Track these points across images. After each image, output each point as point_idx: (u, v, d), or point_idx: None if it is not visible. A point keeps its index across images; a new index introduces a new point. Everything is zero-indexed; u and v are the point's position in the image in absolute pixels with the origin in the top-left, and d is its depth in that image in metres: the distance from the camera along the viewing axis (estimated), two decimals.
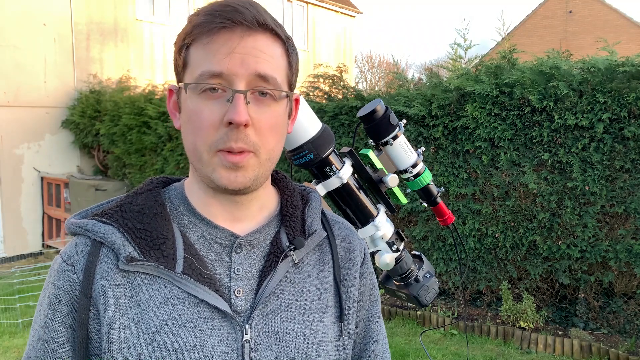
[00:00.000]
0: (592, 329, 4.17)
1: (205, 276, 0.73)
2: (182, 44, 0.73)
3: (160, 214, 0.75)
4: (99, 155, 8.16)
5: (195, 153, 0.73)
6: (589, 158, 3.94)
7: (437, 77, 4.87)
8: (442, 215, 1.38)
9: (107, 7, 8.52)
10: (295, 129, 1.08)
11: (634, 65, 3.76)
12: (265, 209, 0.82)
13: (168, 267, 0.72)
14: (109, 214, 0.75)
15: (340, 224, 0.89)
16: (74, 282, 0.72)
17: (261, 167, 0.74)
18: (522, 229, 4.25)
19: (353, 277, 0.85)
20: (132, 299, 0.71)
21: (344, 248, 0.86)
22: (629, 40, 14.58)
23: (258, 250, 0.78)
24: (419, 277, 1.31)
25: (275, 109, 0.74)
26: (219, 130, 0.70)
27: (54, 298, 0.72)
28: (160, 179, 0.83)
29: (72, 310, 0.72)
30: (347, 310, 0.83)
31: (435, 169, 4.61)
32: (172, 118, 0.79)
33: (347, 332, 0.83)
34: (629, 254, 3.87)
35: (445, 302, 4.92)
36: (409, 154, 1.27)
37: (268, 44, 0.72)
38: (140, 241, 0.72)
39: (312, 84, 5.70)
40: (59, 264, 0.74)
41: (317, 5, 12.76)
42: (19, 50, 7.41)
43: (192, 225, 0.76)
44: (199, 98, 0.70)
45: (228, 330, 0.72)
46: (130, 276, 0.72)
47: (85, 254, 0.73)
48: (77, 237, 0.76)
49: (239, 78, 0.69)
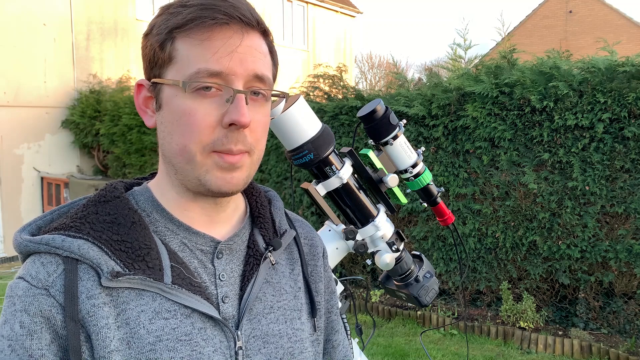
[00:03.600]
0: (592, 329, 4.17)
1: (195, 285, 0.70)
2: (167, 37, 0.67)
3: (138, 223, 0.70)
4: (99, 155, 8.16)
5: (183, 154, 0.68)
6: (589, 158, 3.94)
7: (437, 77, 4.87)
8: (442, 215, 1.38)
9: (107, 7, 8.52)
10: (296, 129, 1.08)
11: (634, 65, 3.75)
12: (237, 210, 0.80)
13: (156, 279, 0.67)
14: (75, 226, 0.67)
15: (300, 222, 0.90)
16: (54, 306, 0.63)
17: (252, 168, 0.72)
18: (522, 229, 4.25)
19: (319, 273, 0.87)
20: (119, 317, 0.65)
21: (307, 245, 0.87)
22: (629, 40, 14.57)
23: (237, 254, 0.76)
24: (419, 277, 1.31)
25: (266, 109, 0.73)
26: (216, 131, 0.67)
27: (33, 326, 0.62)
28: (120, 183, 0.77)
29: (55, 337, 0.63)
30: (317, 305, 0.84)
31: (435, 169, 4.61)
32: (141, 115, 0.74)
33: (319, 327, 0.85)
34: (629, 254, 3.87)
35: (445, 302, 4.92)
36: (409, 154, 1.27)
37: (260, 42, 0.70)
38: (121, 254, 0.67)
39: (312, 84, 5.70)
40: (25, 289, 0.64)
41: (317, 5, 12.76)
42: (19, 50, 7.41)
43: (170, 232, 0.72)
44: (192, 97, 0.66)
45: (220, 339, 0.71)
46: (114, 293, 0.66)
47: (59, 273, 0.65)
48: (39, 257, 0.66)
49: (238, 78, 0.67)
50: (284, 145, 1.13)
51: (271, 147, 5.64)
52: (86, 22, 8.21)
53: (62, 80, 8.01)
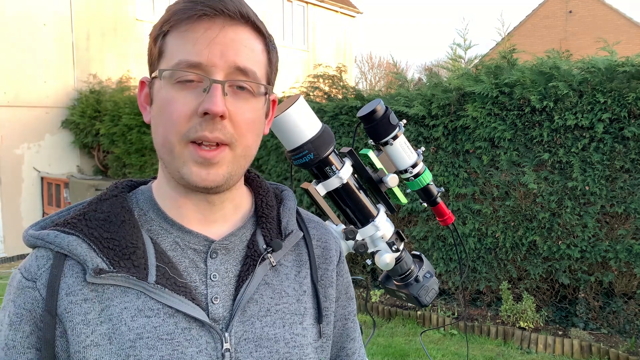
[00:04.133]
0: (592, 329, 4.17)
1: (180, 285, 0.70)
2: (159, 33, 0.69)
3: (128, 221, 0.71)
4: (99, 155, 8.16)
5: (165, 145, 0.68)
6: (589, 158, 3.94)
7: (437, 77, 4.88)
8: (442, 215, 1.38)
9: (107, 7, 8.52)
10: (295, 129, 1.08)
11: (634, 65, 3.76)
12: (240, 210, 0.79)
13: (140, 278, 0.68)
14: (71, 223, 0.70)
15: (315, 223, 0.87)
16: (36, 299, 0.67)
17: (235, 164, 0.70)
18: (522, 229, 4.25)
19: (330, 277, 0.83)
20: (103, 313, 0.67)
21: (320, 248, 0.84)
22: (629, 40, 14.58)
23: (234, 254, 0.75)
24: (419, 277, 1.31)
25: (253, 104, 0.71)
26: (192, 120, 0.66)
27: (15, 317, 0.67)
28: (126, 182, 0.79)
29: (35, 329, 0.67)
30: (325, 311, 0.81)
31: (435, 169, 4.61)
32: (142, 112, 0.75)
33: (326, 333, 0.81)
34: (629, 254, 3.87)
35: (445, 302, 4.92)
36: (409, 154, 1.27)
37: (249, 37, 0.70)
38: (109, 251, 0.68)
39: (312, 84, 5.70)
40: (18, 281, 0.69)
41: (317, 5, 12.76)
42: (19, 50, 7.41)
43: (163, 231, 0.73)
44: (173, 88, 0.67)
45: (207, 340, 0.69)
46: (99, 289, 0.68)
47: (47, 268, 0.68)
48: (36, 250, 0.71)
49: (218, 69, 0.66)
50: (284, 145, 1.13)
51: (271, 147, 5.64)
52: (86, 22, 8.21)
53: (62, 80, 8.01)
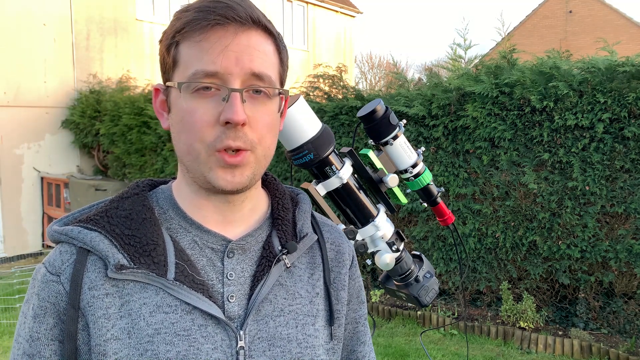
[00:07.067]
0: (592, 329, 4.17)
1: (198, 282, 0.72)
2: (172, 42, 0.71)
3: (149, 219, 0.74)
4: (99, 155, 8.16)
5: (191, 153, 0.71)
6: (589, 158, 3.94)
7: (437, 77, 4.87)
8: (442, 215, 1.38)
9: (107, 7, 8.52)
10: (296, 129, 1.08)
11: (634, 65, 3.76)
12: (256, 211, 0.81)
13: (160, 274, 0.70)
14: (94, 220, 0.73)
15: (329, 227, 0.89)
16: (60, 292, 0.70)
17: (258, 164, 0.73)
18: (522, 229, 4.25)
19: (342, 281, 0.85)
20: (123, 308, 0.69)
21: (333, 251, 0.86)
22: (629, 40, 14.57)
23: (250, 255, 0.77)
24: (419, 277, 1.31)
25: (270, 107, 0.73)
26: (215, 129, 0.68)
27: (39, 310, 0.70)
28: (147, 181, 0.81)
29: (58, 322, 0.70)
30: (337, 313, 0.83)
31: (435, 169, 4.61)
32: (159, 118, 0.78)
33: (337, 336, 0.83)
34: (629, 254, 3.87)
35: (445, 302, 4.92)
36: (409, 154, 1.27)
37: (261, 41, 0.71)
38: (130, 248, 0.71)
39: (312, 84, 5.70)
40: (42, 274, 0.71)
41: (317, 5, 12.76)
42: (19, 50, 7.41)
43: (182, 229, 0.75)
44: (192, 97, 0.69)
45: (222, 337, 0.71)
46: (120, 285, 0.70)
47: (71, 262, 0.71)
48: (61, 245, 0.73)
49: (234, 77, 0.68)
50: (284, 145, 1.13)
51: None
52: (86, 22, 8.21)
53: (62, 80, 8.01)
